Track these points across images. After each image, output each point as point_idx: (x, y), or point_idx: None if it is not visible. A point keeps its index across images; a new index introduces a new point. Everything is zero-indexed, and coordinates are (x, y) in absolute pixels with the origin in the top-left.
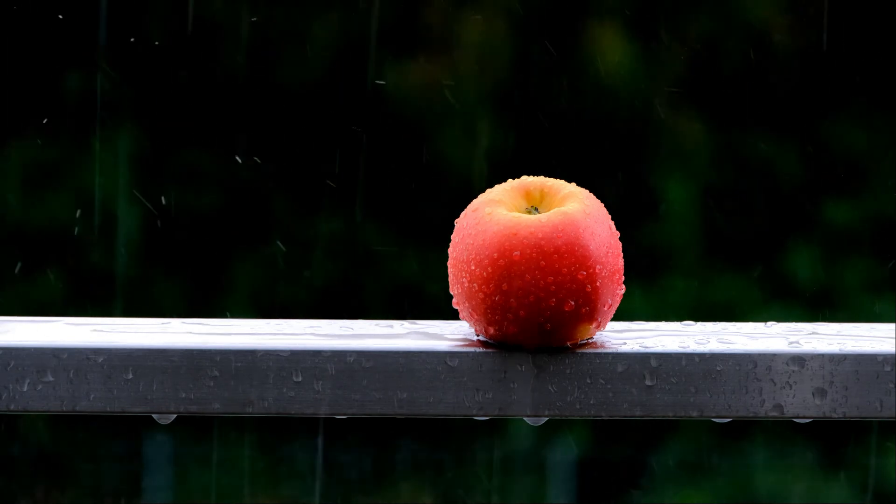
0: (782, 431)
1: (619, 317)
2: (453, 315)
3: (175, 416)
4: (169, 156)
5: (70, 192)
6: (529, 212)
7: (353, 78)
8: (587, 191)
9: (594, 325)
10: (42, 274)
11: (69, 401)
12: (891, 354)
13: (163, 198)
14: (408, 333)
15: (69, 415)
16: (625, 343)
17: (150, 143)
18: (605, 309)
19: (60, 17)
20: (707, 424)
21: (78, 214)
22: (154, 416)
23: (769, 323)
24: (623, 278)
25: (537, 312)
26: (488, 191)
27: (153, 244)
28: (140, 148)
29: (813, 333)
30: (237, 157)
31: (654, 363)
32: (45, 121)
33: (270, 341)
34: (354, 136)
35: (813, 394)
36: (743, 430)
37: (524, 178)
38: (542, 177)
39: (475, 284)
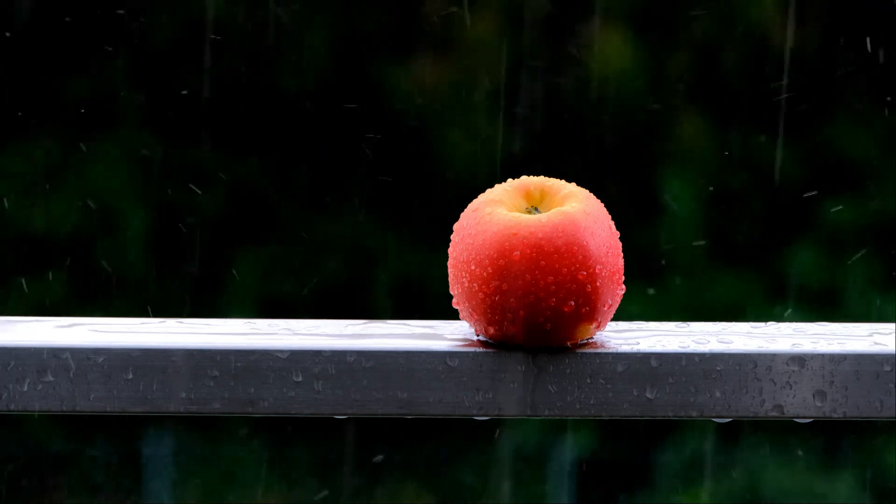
0: (784, 431)
1: (619, 317)
2: (453, 315)
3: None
4: (171, 156)
5: (73, 193)
6: (529, 212)
7: (354, 78)
8: (587, 191)
9: (594, 325)
10: (45, 274)
11: (69, 401)
12: (891, 354)
13: (164, 198)
14: (408, 333)
15: (69, 415)
16: (625, 343)
17: (152, 143)
18: (605, 309)
19: (67, 19)
20: (708, 424)
21: (81, 215)
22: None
23: (769, 323)
24: (623, 278)
25: (537, 312)
26: (488, 191)
27: (154, 244)
28: (142, 148)
29: (813, 333)
30: (239, 157)
31: (654, 363)
32: (47, 122)
33: (270, 341)
34: (356, 136)
35: (813, 394)
36: (744, 430)
37: (524, 177)
38: (542, 177)
39: (475, 284)
